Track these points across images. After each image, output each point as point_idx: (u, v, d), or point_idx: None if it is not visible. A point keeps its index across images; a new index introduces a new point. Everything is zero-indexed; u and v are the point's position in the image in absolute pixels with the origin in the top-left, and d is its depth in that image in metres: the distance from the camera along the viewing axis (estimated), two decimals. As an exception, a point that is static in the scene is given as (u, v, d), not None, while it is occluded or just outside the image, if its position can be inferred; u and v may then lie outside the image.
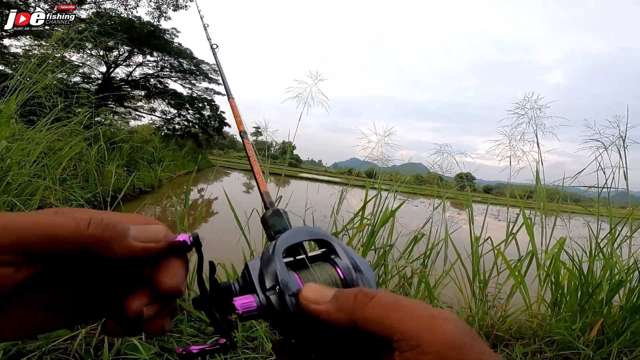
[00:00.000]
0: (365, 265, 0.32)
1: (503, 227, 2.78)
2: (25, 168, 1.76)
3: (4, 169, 1.58)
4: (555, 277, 2.35)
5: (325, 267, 0.32)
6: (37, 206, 1.71)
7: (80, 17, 11.58)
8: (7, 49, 11.43)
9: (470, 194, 2.90)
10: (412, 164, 3.73)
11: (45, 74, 2.02)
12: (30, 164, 1.79)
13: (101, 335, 1.59)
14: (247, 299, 0.29)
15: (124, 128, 11.96)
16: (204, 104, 18.27)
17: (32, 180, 1.80)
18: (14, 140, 1.77)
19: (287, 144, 8.03)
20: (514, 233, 2.58)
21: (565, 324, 2.11)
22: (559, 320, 2.16)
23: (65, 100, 2.18)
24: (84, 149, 2.61)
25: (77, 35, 2.39)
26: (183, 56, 16.23)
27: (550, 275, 2.38)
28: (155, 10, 13.73)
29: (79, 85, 11.01)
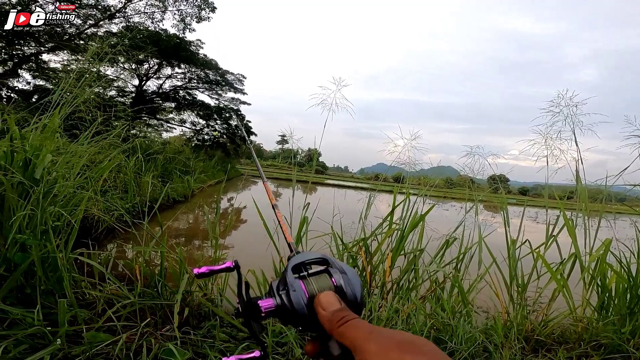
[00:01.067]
0: (352, 272, 0.45)
1: (541, 229, 2.71)
2: (69, 180, 1.87)
3: (50, 181, 1.69)
4: (602, 279, 2.25)
5: (324, 277, 0.45)
6: (81, 216, 1.82)
7: (111, 31, 12.27)
8: (47, 64, 12.20)
9: (504, 196, 2.79)
10: (441, 167, 3.64)
11: (84, 88, 2.15)
12: (74, 177, 1.90)
13: (140, 340, 1.67)
14: (268, 301, 0.43)
15: (157, 140, 12.46)
16: (230, 113, 18.70)
17: (76, 192, 1.92)
18: (58, 154, 1.90)
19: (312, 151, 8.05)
20: (554, 235, 2.47)
21: (613, 327, 2.04)
22: (606, 323, 2.08)
23: (104, 113, 2.30)
24: (122, 161, 2.75)
25: (110, 50, 2.53)
26: (209, 67, 16.63)
27: (595, 278, 2.27)
28: (180, 23, 14.26)
29: (115, 98, 11.62)
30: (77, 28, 11.66)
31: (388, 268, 2.48)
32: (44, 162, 1.55)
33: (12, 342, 1.29)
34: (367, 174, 66.31)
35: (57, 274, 1.68)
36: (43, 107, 1.92)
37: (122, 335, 1.59)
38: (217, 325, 1.88)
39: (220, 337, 1.80)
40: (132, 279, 2.06)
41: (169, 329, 1.81)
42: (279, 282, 0.45)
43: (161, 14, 13.65)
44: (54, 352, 1.36)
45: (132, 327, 1.71)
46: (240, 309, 0.44)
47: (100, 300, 1.81)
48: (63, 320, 1.39)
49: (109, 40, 2.38)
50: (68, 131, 2.42)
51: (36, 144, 1.62)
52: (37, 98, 10.13)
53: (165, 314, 1.90)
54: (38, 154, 1.56)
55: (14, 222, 1.44)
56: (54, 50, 11.37)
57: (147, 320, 1.77)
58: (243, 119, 19.19)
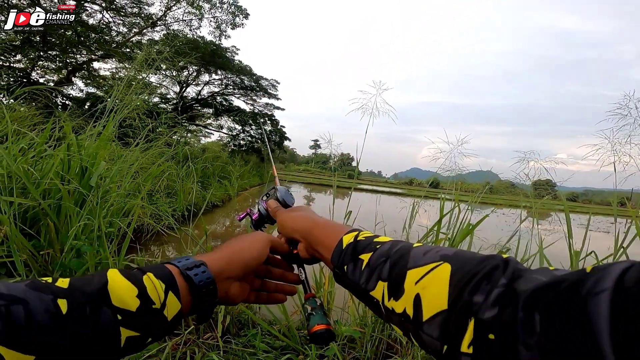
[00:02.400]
0: (283, 191, 0.76)
1: (599, 237, 2.52)
2: (122, 188, 1.91)
3: (102, 187, 1.73)
4: None
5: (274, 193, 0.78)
6: (134, 224, 1.83)
7: (154, 39, 12.89)
8: (97, 71, 13.01)
9: (565, 202, 2.57)
10: (480, 172, 3.46)
11: (134, 96, 2.20)
12: (127, 184, 1.94)
13: (184, 349, 1.67)
14: (255, 214, 0.77)
15: (197, 145, 12.90)
16: (265, 119, 19.03)
17: (126, 199, 1.96)
18: (110, 160, 1.95)
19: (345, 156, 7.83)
20: (624, 247, 2.25)
21: None
22: None
23: (152, 120, 2.35)
24: (170, 167, 2.82)
25: (158, 57, 2.60)
26: (244, 73, 17.01)
27: None
28: (215, 30, 14.75)
29: (158, 105, 12.19)
30: (123, 36, 12.41)
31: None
32: (99, 169, 1.58)
33: None
34: (401, 178, 65.20)
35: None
36: (97, 114, 1.99)
37: (169, 343, 1.58)
38: (257, 334, 1.84)
39: (260, 346, 1.76)
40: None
41: (211, 337, 1.79)
42: None
43: (198, 21, 14.23)
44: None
45: (176, 335, 1.71)
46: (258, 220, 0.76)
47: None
48: None
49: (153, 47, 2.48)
50: (121, 139, 2.50)
51: (92, 152, 1.66)
52: (90, 105, 10.85)
53: (208, 322, 1.89)
54: (93, 162, 1.60)
55: (71, 229, 1.47)
56: (104, 58, 12.13)
57: (191, 328, 1.76)
58: (277, 124, 19.46)
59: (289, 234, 0.62)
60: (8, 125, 1.54)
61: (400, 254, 0.40)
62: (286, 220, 0.64)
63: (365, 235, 0.48)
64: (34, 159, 1.73)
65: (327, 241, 0.52)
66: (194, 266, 0.45)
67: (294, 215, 0.64)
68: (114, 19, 12.04)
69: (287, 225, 0.63)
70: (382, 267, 0.40)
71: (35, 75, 11.60)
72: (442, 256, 0.36)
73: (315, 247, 0.55)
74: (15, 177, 1.52)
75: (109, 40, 11.71)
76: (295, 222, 0.61)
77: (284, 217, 0.66)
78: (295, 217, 0.63)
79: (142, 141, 2.22)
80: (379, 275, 0.41)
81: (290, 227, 0.62)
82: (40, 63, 11.29)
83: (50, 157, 1.77)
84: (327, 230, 0.55)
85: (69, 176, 1.56)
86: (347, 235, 0.50)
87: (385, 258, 0.41)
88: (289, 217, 0.64)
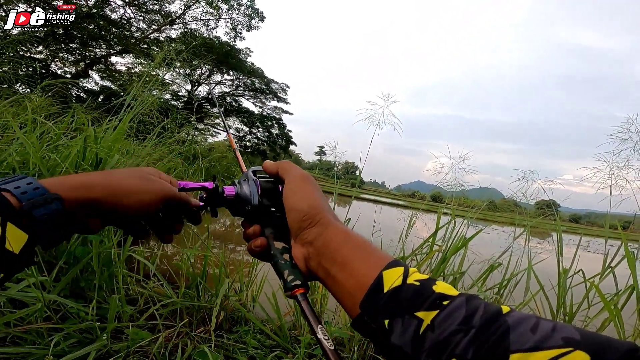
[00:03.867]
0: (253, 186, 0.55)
1: (593, 258, 2.58)
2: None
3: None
4: None
5: None
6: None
7: (171, 36, 13.13)
8: (114, 66, 13.24)
9: (559, 222, 2.63)
10: (483, 188, 3.51)
11: (151, 92, 2.28)
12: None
13: (176, 340, 1.71)
14: (230, 189, 0.53)
15: (204, 144, 13.03)
16: (272, 122, 19.16)
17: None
18: (123, 154, 2.02)
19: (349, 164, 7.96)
20: (612, 267, 2.30)
21: None
22: None
23: (164, 118, 2.43)
24: (177, 163, 2.89)
25: (177, 57, 2.70)
26: (255, 75, 17.17)
27: None
28: (231, 31, 14.99)
29: (169, 102, 12.38)
30: (142, 32, 12.67)
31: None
32: (112, 162, 1.66)
33: (62, 335, 1.30)
34: (404, 191, 64.99)
35: (110, 270, 1.76)
36: (115, 109, 2.07)
37: (162, 334, 1.63)
38: (249, 331, 1.89)
39: (251, 343, 1.81)
40: (175, 280, 2.13)
41: (203, 331, 1.84)
42: (241, 178, 0.57)
43: (215, 21, 14.50)
44: (99, 347, 1.36)
45: (169, 327, 1.75)
46: (206, 195, 0.52)
47: (143, 297, 1.88)
48: (112, 316, 1.41)
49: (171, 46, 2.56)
50: (136, 135, 2.58)
51: (108, 145, 1.74)
52: (103, 98, 11.03)
53: (202, 316, 1.94)
54: (108, 154, 1.67)
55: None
56: (122, 53, 12.38)
57: (185, 321, 1.81)
58: (284, 127, 19.60)
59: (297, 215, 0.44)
60: (29, 115, 1.62)
61: (492, 326, 0.29)
62: (310, 194, 0.46)
63: (417, 278, 0.35)
64: (49, 148, 1.81)
65: (358, 269, 0.38)
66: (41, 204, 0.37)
67: (320, 197, 0.47)
68: (135, 15, 12.30)
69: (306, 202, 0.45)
70: (461, 341, 0.29)
71: (54, 67, 11.86)
72: (567, 340, 0.26)
73: (330, 268, 0.40)
74: (31, 164, 1.60)
75: (129, 36, 11.96)
76: (318, 210, 0.44)
77: (309, 189, 0.47)
78: (322, 203, 0.46)
79: (154, 137, 2.30)
80: (452, 351, 0.29)
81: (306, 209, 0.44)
82: (60, 55, 11.54)
83: (66, 147, 1.85)
84: (361, 252, 0.39)
85: (84, 166, 1.64)
86: (389, 270, 0.36)
87: (465, 327, 0.30)
88: (315, 191, 0.47)
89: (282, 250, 0.48)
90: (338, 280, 0.39)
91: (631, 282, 2.17)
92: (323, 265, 0.41)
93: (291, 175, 0.49)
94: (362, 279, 0.37)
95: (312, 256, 0.42)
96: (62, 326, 1.33)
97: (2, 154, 1.67)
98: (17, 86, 4.23)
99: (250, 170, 0.57)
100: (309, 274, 0.44)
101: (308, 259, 0.43)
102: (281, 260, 0.47)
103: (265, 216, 0.52)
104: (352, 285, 0.37)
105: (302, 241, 0.44)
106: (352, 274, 0.38)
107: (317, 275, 0.43)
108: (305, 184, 0.47)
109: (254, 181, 0.54)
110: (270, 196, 0.53)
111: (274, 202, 0.52)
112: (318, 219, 0.43)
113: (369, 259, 0.38)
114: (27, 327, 1.23)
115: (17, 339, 1.23)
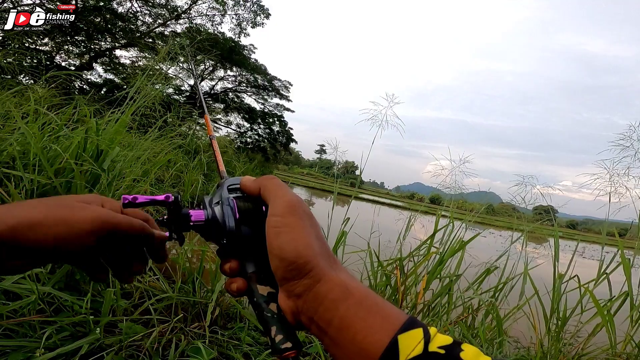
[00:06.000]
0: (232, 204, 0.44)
1: (589, 264, 2.60)
2: (132, 173, 1.98)
3: (115, 170, 1.80)
4: None
5: None
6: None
7: (176, 31, 13.13)
8: (118, 59, 13.24)
9: (557, 228, 2.64)
10: (482, 192, 3.53)
11: (154, 86, 2.29)
12: (138, 169, 2.01)
13: (170, 335, 1.71)
14: (199, 213, 0.42)
15: (205, 139, 13.04)
16: (274, 119, 19.15)
17: (133, 183, 2.03)
18: (124, 147, 2.03)
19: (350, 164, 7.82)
20: (607, 273, 2.32)
21: None
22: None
23: (166, 111, 2.44)
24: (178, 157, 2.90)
25: (182, 52, 2.71)
26: (258, 72, 17.14)
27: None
28: (236, 27, 14.96)
29: (171, 96, 12.41)
30: (147, 26, 12.67)
31: (422, 290, 2.44)
32: (113, 153, 1.66)
33: (55, 328, 1.29)
34: (403, 192, 65.06)
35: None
36: (118, 101, 2.07)
37: (156, 329, 1.62)
38: (244, 328, 1.89)
39: (246, 339, 1.81)
40: (171, 274, 2.13)
41: (198, 327, 1.83)
42: (212, 197, 0.44)
43: (220, 17, 14.48)
44: (92, 341, 1.34)
45: (164, 322, 1.75)
46: (167, 217, 0.42)
47: (138, 291, 1.87)
48: (107, 309, 1.40)
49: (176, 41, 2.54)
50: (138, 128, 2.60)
51: (109, 137, 1.74)
52: (106, 91, 11.03)
53: (197, 311, 1.94)
54: (110, 146, 1.68)
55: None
56: (126, 47, 12.38)
57: (179, 316, 1.80)
58: (285, 125, 19.59)
59: (281, 264, 0.35)
60: (31, 105, 1.63)
61: None
62: (299, 234, 0.35)
63: (441, 343, 0.29)
64: (50, 138, 1.82)
65: (363, 333, 0.30)
66: None
67: (313, 236, 0.36)
68: (142, 9, 12.30)
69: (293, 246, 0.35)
70: None
71: (59, 59, 11.87)
72: None
73: (326, 329, 0.32)
74: (32, 154, 1.61)
75: (134, 29, 11.96)
76: (308, 258, 0.34)
77: (298, 226, 0.36)
78: (315, 246, 0.35)
79: (156, 130, 2.31)
80: None
81: (292, 257, 0.34)
82: (65, 47, 11.55)
83: (67, 138, 1.85)
84: (366, 310, 0.31)
85: (85, 157, 1.64)
86: (405, 334, 0.29)
87: None
88: (306, 229, 0.36)
89: (268, 298, 0.39)
90: (337, 344, 0.31)
91: (625, 289, 2.19)
92: (317, 322, 0.33)
93: (276, 202, 0.38)
94: (369, 347, 0.29)
95: (302, 311, 0.34)
96: (55, 319, 1.32)
97: (3, 144, 1.68)
98: (21, 77, 4.24)
99: (226, 185, 0.45)
100: (299, 326, 0.36)
101: (297, 313, 0.35)
102: (267, 313, 0.38)
103: (245, 249, 0.41)
104: (356, 353, 0.30)
105: (288, 293, 0.35)
106: (354, 340, 0.30)
107: (309, 331, 0.35)
108: (294, 217, 0.36)
109: (230, 201, 0.43)
110: (251, 222, 0.41)
111: (257, 229, 0.40)
112: (308, 269, 0.34)
113: (376, 319, 0.31)
114: (20, 319, 1.21)
115: (9, 331, 1.22)
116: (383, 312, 0.31)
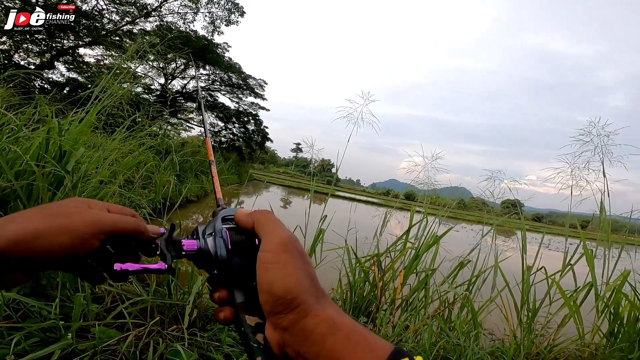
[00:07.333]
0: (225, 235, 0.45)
1: (555, 256, 2.74)
2: (98, 174, 1.91)
3: (80, 172, 1.72)
4: (615, 308, 2.27)
5: None
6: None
7: (145, 29, 12.67)
8: (82, 57, 12.62)
9: (524, 221, 2.76)
10: (454, 187, 3.64)
11: (120, 85, 2.21)
12: (104, 170, 1.94)
13: (147, 339, 1.67)
14: (191, 243, 0.43)
15: (177, 139, 12.70)
16: (249, 118, 18.96)
17: (100, 185, 1.95)
18: (90, 148, 1.95)
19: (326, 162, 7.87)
20: (571, 264, 2.45)
21: (621, 353, 2.08)
22: (614, 350, 2.11)
23: (135, 111, 2.36)
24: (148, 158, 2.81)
25: (150, 50, 2.62)
26: (232, 70, 16.95)
27: (609, 306, 2.28)
28: (209, 25, 14.65)
29: (140, 95, 11.98)
30: (114, 24, 12.13)
31: (400, 285, 2.48)
32: (77, 154, 1.59)
33: (23, 334, 1.26)
34: (379, 189, 66.13)
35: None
36: (82, 101, 1.98)
37: (131, 333, 1.58)
38: (224, 329, 1.87)
39: (226, 340, 1.79)
40: (144, 277, 2.07)
41: (176, 329, 1.80)
42: (205, 227, 0.46)
43: (193, 15, 14.11)
44: (64, 347, 1.32)
45: (140, 325, 1.70)
46: (160, 245, 0.43)
47: (110, 295, 1.81)
48: (77, 314, 1.37)
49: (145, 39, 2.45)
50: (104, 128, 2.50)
51: (73, 137, 1.66)
52: (69, 90, 10.50)
53: (174, 314, 1.90)
54: (73, 147, 1.61)
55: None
56: (91, 45, 11.82)
57: (156, 320, 1.76)
58: (260, 124, 19.41)
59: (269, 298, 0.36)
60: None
61: None
62: (289, 271, 0.36)
63: None
64: (9, 140, 1.72)
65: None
66: None
67: (303, 273, 0.37)
68: (108, 6, 11.77)
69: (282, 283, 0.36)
70: None
71: (17, 58, 11.18)
72: None
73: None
74: (-11, 157, 1.51)
75: (99, 28, 11.43)
76: (295, 294, 0.35)
77: (289, 264, 0.37)
78: (303, 283, 0.36)
79: (124, 131, 2.23)
80: None
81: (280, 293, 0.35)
82: (24, 46, 10.89)
83: (27, 139, 1.76)
84: (353, 344, 0.32)
85: (47, 158, 1.57)
86: None
87: None
88: (297, 267, 0.37)
89: (255, 328, 0.39)
90: None
91: (589, 279, 2.32)
92: (303, 355, 0.34)
93: (269, 238, 0.39)
94: None
95: (289, 343, 0.35)
96: (23, 325, 1.28)
97: (-45, 146, 1.57)
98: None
99: (221, 215, 0.46)
100: (285, 358, 0.36)
101: (283, 345, 0.36)
102: (253, 343, 0.38)
103: (235, 280, 0.42)
104: None
105: (275, 325, 0.36)
106: None
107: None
108: (286, 254, 0.37)
109: (223, 233, 0.44)
110: (243, 253, 0.42)
111: (248, 261, 0.41)
112: (295, 304, 0.34)
113: (364, 352, 0.31)
114: (-16, 326, 1.18)
115: (-26, 339, 1.18)
116: (370, 345, 0.32)
